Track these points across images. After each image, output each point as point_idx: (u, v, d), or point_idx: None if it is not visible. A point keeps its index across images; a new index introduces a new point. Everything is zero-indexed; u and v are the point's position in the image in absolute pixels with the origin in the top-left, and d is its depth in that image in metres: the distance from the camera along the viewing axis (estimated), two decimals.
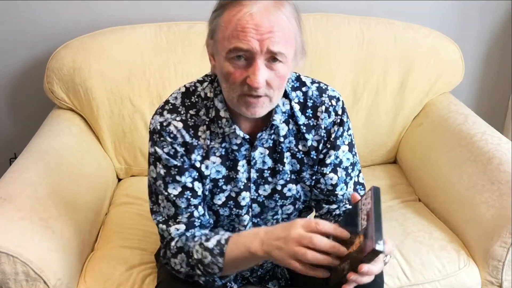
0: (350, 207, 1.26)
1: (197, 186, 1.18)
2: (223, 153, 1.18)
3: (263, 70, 1.02)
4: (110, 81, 1.79)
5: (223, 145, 1.18)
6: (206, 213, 1.22)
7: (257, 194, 1.23)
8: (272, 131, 1.18)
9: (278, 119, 1.16)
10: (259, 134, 1.17)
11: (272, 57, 1.02)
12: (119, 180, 1.95)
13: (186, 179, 1.16)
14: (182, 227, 1.18)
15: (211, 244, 1.11)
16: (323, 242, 0.98)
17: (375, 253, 0.92)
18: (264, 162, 1.21)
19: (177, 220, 1.18)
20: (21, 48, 1.98)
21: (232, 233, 1.17)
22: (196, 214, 1.19)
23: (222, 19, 1.03)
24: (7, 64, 2.01)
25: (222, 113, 1.14)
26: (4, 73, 2.02)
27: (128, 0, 1.94)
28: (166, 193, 1.17)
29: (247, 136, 1.17)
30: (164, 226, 1.19)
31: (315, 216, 1.31)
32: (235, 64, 1.03)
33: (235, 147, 1.18)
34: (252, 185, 1.22)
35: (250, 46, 1.00)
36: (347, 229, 1.03)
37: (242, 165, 1.20)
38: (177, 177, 1.16)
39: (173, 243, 1.18)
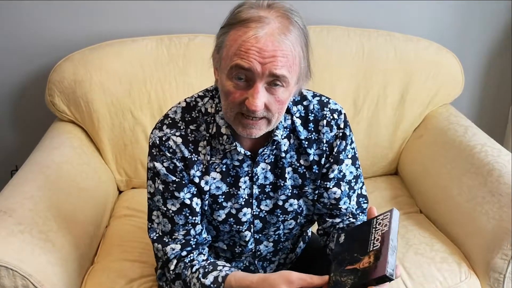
0: (353, 220, 1.25)
1: (196, 202, 1.17)
2: (223, 169, 1.18)
3: (262, 94, 1.02)
4: (111, 93, 1.79)
5: (224, 161, 1.17)
6: (204, 231, 1.21)
7: (258, 210, 1.23)
8: (274, 146, 1.17)
9: (280, 134, 1.16)
10: (260, 150, 1.16)
11: (273, 81, 1.02)
12: (120, 192, 1.95)
13: (185, 195, 1.16)
14: (177, 246, 1.18)
15: (208, 281, 1.10)
16: None
17: (385, 279, 0.91)
18: (266, 178, 1.20)
19: (173, 237, 1.18)
20: (22, 61, 1.99)
21: (229, 264, 1.19)
22: (192, 232, 1.18)
23: (228, 37, 1.03)
24: (9, 76, 2.01)
25: (223, 130, 1.14)
26: (6, 86, 2.03)
27: (129, 13, 1.95)
28: (164, 209, 1.17)
29: (249, 153, 1.16)
30: (159, 246, 1.19)
31: (318, 230, 1.31)
32: (236, 84, 1.03)
33: (236, 163, 1.18)
34: (254, 201, 1.22)
35: (251, 65, 0.99)
36: (354, 243, 1.02)
37: (244, 181, 1.19)
38: (176, 193, 1.15)
39: (172, 267, 1.18)
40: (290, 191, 1.22)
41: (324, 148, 1.20)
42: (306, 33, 1.05)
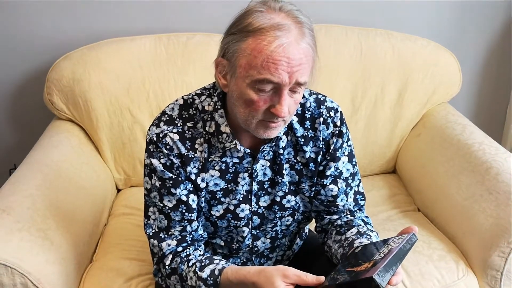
0: (351, 218, 1.27)
1: (192, 199, 1.18)
2: (223, 167, 1.18)
3: (288, 100, 1.04)
4: (109, 92, 1.79)
5: (224, 159, 1.18)
6: (200, 228, 1.22)
7: (257, 206, 1.23)
8: (273, 143, 1.18)
9: (281, 131, 1.17)
10: (262, 147, 1.17)
11: (295, 87, 1.04)
12: (118, 190, 1.95)
13: (181, 191, 1.16)
14: (173, 242, 1.18)
15: (205, 274, 1.11)
16: None
17: (369, 281, 0.91)
18: (265, 174, 1.21)
19: (169, 233, 1.18)
20: (21, 60, 1.99)
21: (226, 252, 1.20)
22: (188, 228, 1.19)
23: (246, 45, 1.01)
24: (7, 75, 2.01)
25: (223, 128, 1.14)
26: (4, 84, 2.03)
27: (128, 12, 1.95)
28: (161, 205, 1.17)
29: (248, 151, 1.17)
30: (155, 242, 1.19)
31: (316, 227, 1.31)
32: (260, 93, 1.03)
33: (236, 160, 1.18)
34: (253, 197, 1.22)
35: (281, 79, 1.00)
36: (365, 253, 1.05)
37: (243, 177, 1.20)
38: (172, 190, 1.16)
39: (167, 262, 1.18)
40: (288, 187, 1.22)
41: (321, 146, 1.20)
42: (313, 32, 1.06)
